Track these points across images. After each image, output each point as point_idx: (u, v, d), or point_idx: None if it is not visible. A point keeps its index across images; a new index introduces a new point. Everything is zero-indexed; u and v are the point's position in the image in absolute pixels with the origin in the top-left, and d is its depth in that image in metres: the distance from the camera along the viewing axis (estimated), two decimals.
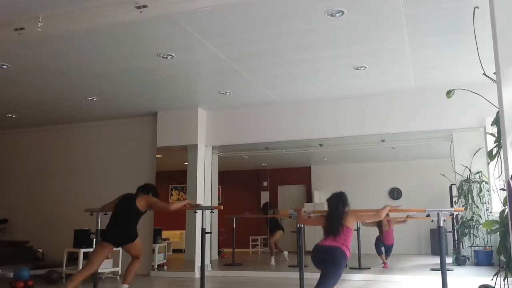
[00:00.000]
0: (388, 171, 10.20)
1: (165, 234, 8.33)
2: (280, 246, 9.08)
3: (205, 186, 7.61)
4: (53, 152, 8.69)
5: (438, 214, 4.38)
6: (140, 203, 4.80)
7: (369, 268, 7.32)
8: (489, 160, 3.62)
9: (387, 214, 8.02)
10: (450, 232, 8.71)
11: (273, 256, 8.80)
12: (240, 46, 5.02)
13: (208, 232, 4.86)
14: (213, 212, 5.02)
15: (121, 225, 4.78)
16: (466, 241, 7.45)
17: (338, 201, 4.14)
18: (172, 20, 4.37)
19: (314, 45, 5.01)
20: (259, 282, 6.38)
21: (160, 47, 5.02)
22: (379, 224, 8.05)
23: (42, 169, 8.69)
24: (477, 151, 7.08)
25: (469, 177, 7.25)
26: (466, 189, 7.26)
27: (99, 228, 5.25)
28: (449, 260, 7.44)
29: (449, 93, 3.96)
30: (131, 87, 6.50)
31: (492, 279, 3.32)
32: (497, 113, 3.00)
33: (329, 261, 3.84)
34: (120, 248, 7.01)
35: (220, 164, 9.12)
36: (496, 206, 6.10)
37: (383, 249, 7.94)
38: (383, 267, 7.59)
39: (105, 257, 4.86)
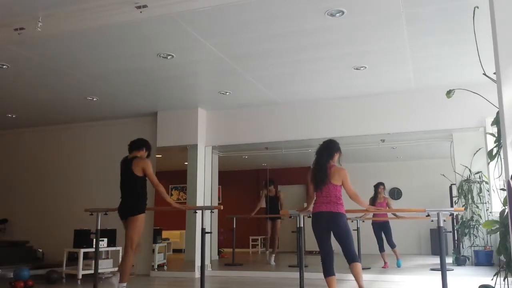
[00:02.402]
0: (388, 171, 10.18)
1: (165, 234, 8.33)
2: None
3: (205, 186, 7.61)
4: (53, 152, 8.69)
5: (438, 214, 4.39)
6: (136, 168, 4.73)
7: (369, 268, 7.32)
8: (489, 160, 3.62)
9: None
10: (450, 232, 8.71)
11: (274, 255, 8.62)
12: (240, 46, 5.02)
13: (208, 232, 4.86)
14: (213, 212, 5.02)
15: (124, 196, 4.78)
16: (466, 241, 7.46)
17: (323, 150, 4.33)
18: (172, 20, 4.37)
19: (314, 45, 5.01)
20: (259, 282, 6.38)
21: (160, 47, 5.02)
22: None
23: (42, 169, 8.69)
24: (477, 151, 7.08)
25: (469, 177, 7.26)
26: (466, 189, 7.26)
27: (99, 228, 5.25)
28: (449, 260, 7.44)
29: (449, 93, 3.96)
30: (131, 87, 6.50)
31: (492, 279, 3.32)
32: (497, 113, 3.00)
33: (336, 228, 4.13)
34: (120, 248, 7.09)
35: (220, 164, 9.11)
36: (496, 206, 6.10)
37: (385, 246, 7.85)
38: (383, 267, 7.58)
39: None
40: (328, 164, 4.29)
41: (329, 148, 4.35)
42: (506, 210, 3.03)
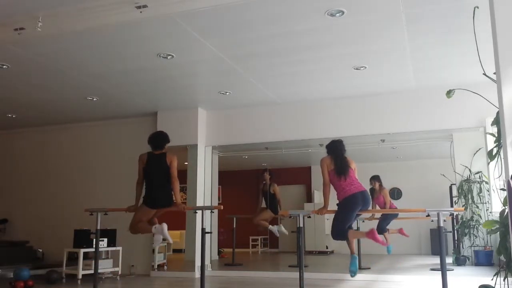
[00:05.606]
0: (388, 171, 10.20)
1: None
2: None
3: (205, 186, 7.61)
4: (53, 152, 8.69)
5: (438, 214, 4.39)
6: (169, 159, 4.92)
7: (369, 268, 7.32)
8: (489, 160, 3.62)
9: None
10: (450, 232, 8.72)
11: (280, 224, 8.12)
12: (240, 46, 5.02)
13: (208, 232, 4.85)
14: (213, 212, 5.03)
15: (156, 186, 4.95)
16: (466, 241, 7.46)
17: (342, 148, 5.03)
18: (172, 20, 4.37)
19: (314, 45, 5.01)
20: (259, 282, 6.38)
21: (160, 47, 5.02)
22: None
23: (42, 169, 8.68)
24: (477, 151, 7.09)
25: (469, 177, 7.26)
26: (466, 189, 7.27)
27: (99, 228, 5.24)
28: (449, 260, 7.44)
29: (449, 93, 3.96)
30: (131, 87, 6.50)
31: (492, 279, 3.32)
32: (497, 113, 3.00)
33: (368, 205, 4.85)
34: (120, 248, 7.09)
35: (220, 164, 9.11)
36: (496, 206, 6.11)
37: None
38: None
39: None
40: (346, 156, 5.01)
41: (344, 145, 5.08)
42: (506, 210, 3.03)
